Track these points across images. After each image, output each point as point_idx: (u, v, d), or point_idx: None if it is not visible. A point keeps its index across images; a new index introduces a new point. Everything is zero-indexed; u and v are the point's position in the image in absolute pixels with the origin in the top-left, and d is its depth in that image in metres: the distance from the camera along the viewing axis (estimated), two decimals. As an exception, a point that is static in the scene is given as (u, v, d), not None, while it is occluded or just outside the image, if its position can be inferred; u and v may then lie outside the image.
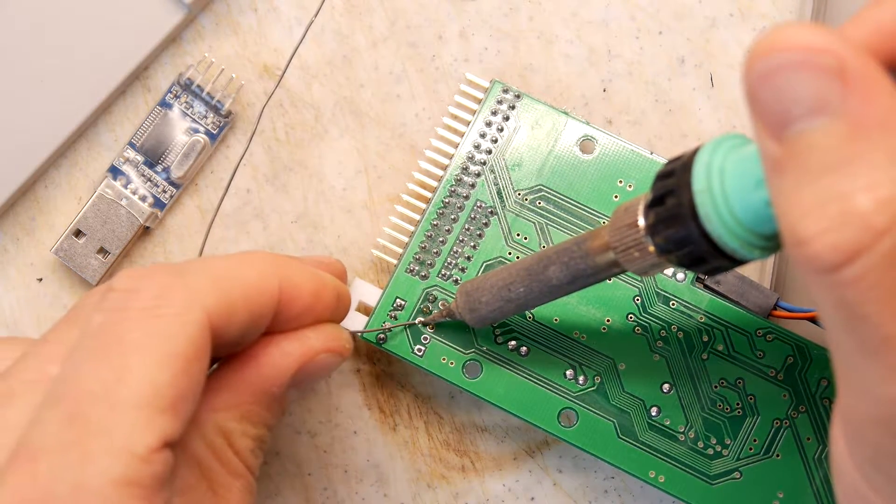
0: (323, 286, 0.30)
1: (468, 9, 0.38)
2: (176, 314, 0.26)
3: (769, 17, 0.38)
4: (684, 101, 0.38)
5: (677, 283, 0.34)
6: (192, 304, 0.26)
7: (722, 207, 0.23)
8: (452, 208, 0.35)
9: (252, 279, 0.28)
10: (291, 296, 0.29)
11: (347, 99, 0.38)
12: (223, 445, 0.28)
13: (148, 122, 0.37)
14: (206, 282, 0.27)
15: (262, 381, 0.29)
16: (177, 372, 0.25)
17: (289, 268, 0.29)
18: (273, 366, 0.29)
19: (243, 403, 0.28)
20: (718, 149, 0.23)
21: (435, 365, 0.34)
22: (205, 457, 0.27)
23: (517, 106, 0.35)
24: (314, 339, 0.29)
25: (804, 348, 0.33)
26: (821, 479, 0.33)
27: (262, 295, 0.28)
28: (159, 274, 0.27)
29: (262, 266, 0.29)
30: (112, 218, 0.37)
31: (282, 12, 0.38)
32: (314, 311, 0.30)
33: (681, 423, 0.33)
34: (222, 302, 0.27)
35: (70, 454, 0.24)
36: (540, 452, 0.37)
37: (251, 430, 0.29)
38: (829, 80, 0.19)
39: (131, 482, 0.24)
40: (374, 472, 0.37)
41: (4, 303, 0.37)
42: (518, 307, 0.30)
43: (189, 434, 0.27)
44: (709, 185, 0.23)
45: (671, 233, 0.25)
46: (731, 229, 0.23)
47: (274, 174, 0.38)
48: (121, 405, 0.24)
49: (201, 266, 0.28)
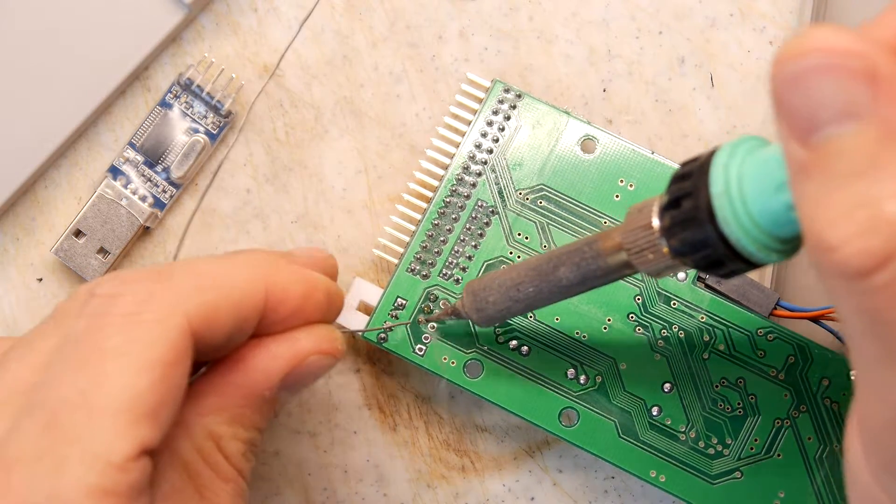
0: (313, 287, 0.29)
1: (468, 9, 0.38)
2: (157, 320, 0.25)
3: (769, 16, 0.38)
4: (684, 101, 0.38)
5: (678, 283, 0.34)
6: (173, 310, 0.26)
7: (740, 211, 0.23)
8: (454, 208, 0.35)
9: (237, 283, 0.28)
10: (279, 298, 0.28)
11: (347, 99, 0.38)
12: (212, 449, 0.28)
13: (148, 122, 0.37)
14: (189, 286, 0.27)
15: (251, 384, 0.28)
16: (156, 378, 0.25)
17: (277, 270, 0.29)
18: (262, 369, 0.28)
19: (232, 407, 0.28)
20: (737, 151, 0.23)
21: (436, 364, 0.34)
22: (193, 461, 0.27)
23: (518, 105, 0.35)
24: (304, 341, 0.29)
25: (805, 348, 0.33)
26: (822, 479, 0.33)
27: (247, 299, 0.28)
28: (142, 278, 0.26)
29: (247, 269, 0.28)
30: (112, 218, 0.37)
31: (282, 12, 0.38)
32: (304, 312, 0.29)
33: (682, 423, 0.33)
34: (205, 307, 0.26)
35: (44, 463, 0.24)
36: (540, 452, 0.37)
37: (241, 434, 0.28)
38: (858, 83, 0.18)
39: (107, 491, 0.24)
40: (374, 472, 0.37)
41: (4, 303, 0.37)
42: (526, 307, 0.30)
43: (177, 438, 0.27)
44: (727, 187, 0.23)
45: (688, 235, 0.24)
46: (749, 233, 0.23)
47: (274, 174, 0.38)
48: (97, 413, 0.24)
49: (185, 269, 0.27)
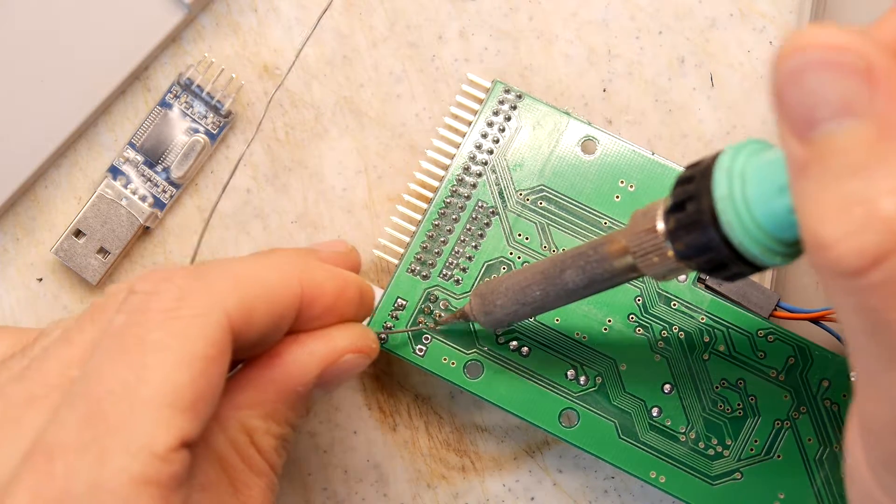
0: (346, 285, 0.30)
1: (468, 9, 0.38)
2: (196, 316, 0.26)
3: (769, 16, 0.38)
4: (684, 101, 0.38)
5: (678, 284, 0.34)
6: (212, 307, 0.26)
7: (744, 214, 0.23)
8: (454, 208, 0.35)
9: (273, 281, 0.28)
10: (314, 296, 0.29)
11: (347, 99, 0.38)
12: (247, 443, 0.28)
13: (148, 122, 0.37)
14: (227, 284, 0.27)
15: (287, 379, 0.29)
16: (196, 373, 0.25)
17: (310, 268, 0.29)
18: (298, 365, 0.29)
19: (268, 402, 0.29)
20: (739, 154, 0.23)
21: (436, 365, 0.34)
22: (228, 454, 0.28)
23: (519, 106, 0.35)
24: (340, 339, 0.30)
25: (805, 349, 0.33)
26: (822, 481, 0.33)
27: (284, 297, 0.28)
28: (180, 276, 0.27)
29: (283, 267, 0.29)
30: (112, 218, 0.37)
31: (282, 12, 0.38)
32: (337, 310, 0.30)
33: (682, 424, 0.33)
34: (243, 304, 0.27)
35: (88, 453, 0.24)
36: (540, 452, 0.37)
37: (275, 429, 0.29)
38: (856, 80, 0.18)
39: (149, 481, 0.24)
40: (374, 472, 0.37)
41: (4, 303, 0.37)
42: (534, 310, 0.30)
43: (212, 432, 0.27)
44: (730, 191, 0.23)
45: (692, 239, 0.24)
46: (752, 236, 0.23)
47: (274, 174, 0.37)
48: (140, 404, 0.24)
49: (222, 268, 0.28)
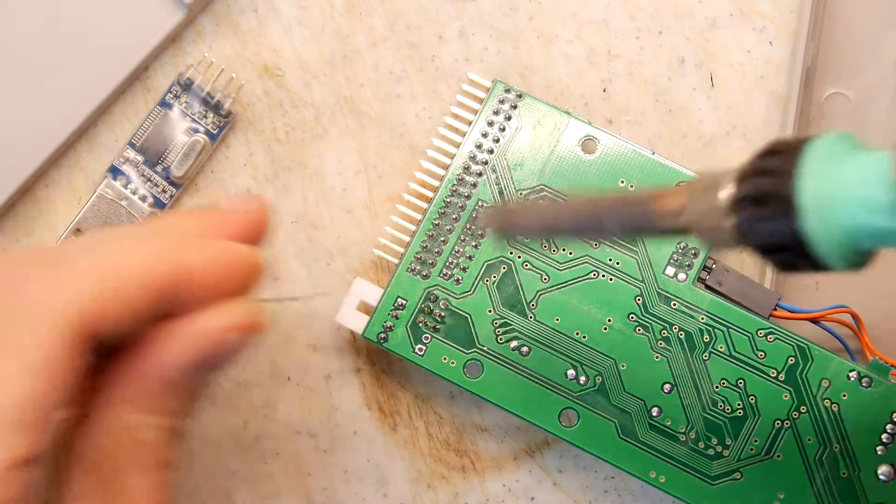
0: (229, 261, 0.27)
1: (468, 9, 0.38)
2: (43, 315, 0.23)
3: (769, 16, 0.38)
4: (684, 101, 0.38)
5: (678, 284, 0.34)
6: (63, 304, 0.24)
7: (832, 223, 0.21)
8: (454, 208, 0.35)
9: (137, 267, 0.25)
10: (190, 277, 0.26)
11: (347, 99, 0.38)
12: (129, 440, 0.26)
13: (148, 122, 0.37)
14: (81, 275, 0.25)
15: (159, 368, 0.26)
16: (41, 381, 0.23)
17: (188, 246, 0.27)
18: (168, 352, 0.26)
19: (143, 394, 0.26)
20: (831, 154, 0.22)
21: (436, 364, 0.34)
22: (107, 456, 0.26)
23: (519, 106, 0.35)
24: (215, 320, 0.27)
25: (805, 349, 0.33)
26: (821, 480, 0.33)
27: (148, 284, 0.25)
28: (32, 264, 0.25)
29: (156, 246, 0.26)
30: (112, 218, 0.37)
31: (282, 12, 0.38)
32: (220, 287, 0.27)
33: (682, 424, 0.33)
34: (100, 296, 0.24)
35: None
36: (540, 452, 0.37)
37: (157, 421, 0.26)
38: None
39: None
40: (374, 472, 0.37)
41: (4, 303, 0.37)
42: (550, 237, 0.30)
43: (85, 435, 0.25)
44: (818, 197, 0.21)
45: (765, 226, 0.22)
46: (832, 242, 0.21)
47: (274, 174, 0.38)
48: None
49: (81, 253, 0.25)
